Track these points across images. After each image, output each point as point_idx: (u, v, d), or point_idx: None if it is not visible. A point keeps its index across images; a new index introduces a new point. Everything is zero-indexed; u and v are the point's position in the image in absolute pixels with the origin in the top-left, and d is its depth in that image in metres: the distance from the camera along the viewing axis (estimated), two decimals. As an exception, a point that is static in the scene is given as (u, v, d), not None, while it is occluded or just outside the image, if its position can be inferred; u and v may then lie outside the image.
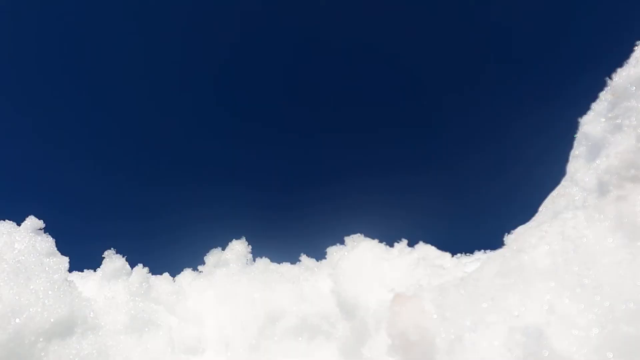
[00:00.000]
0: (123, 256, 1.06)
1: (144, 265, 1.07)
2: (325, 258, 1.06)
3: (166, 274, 1.12)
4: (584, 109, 0.79)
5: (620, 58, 0.74)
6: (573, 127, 0.81)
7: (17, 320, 0.65)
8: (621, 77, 0.71)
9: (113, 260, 1.02)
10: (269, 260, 1.11)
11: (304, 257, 1.12)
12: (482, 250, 0.89)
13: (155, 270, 1.19)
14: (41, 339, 0.66)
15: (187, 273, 1.17)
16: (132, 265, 1.10)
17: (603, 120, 0.73)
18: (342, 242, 1.00)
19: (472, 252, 0.92)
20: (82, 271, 1.09)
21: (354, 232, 0.98)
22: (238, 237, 1.23)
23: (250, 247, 1.19)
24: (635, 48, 0.73)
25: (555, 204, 0.78)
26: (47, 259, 0.88)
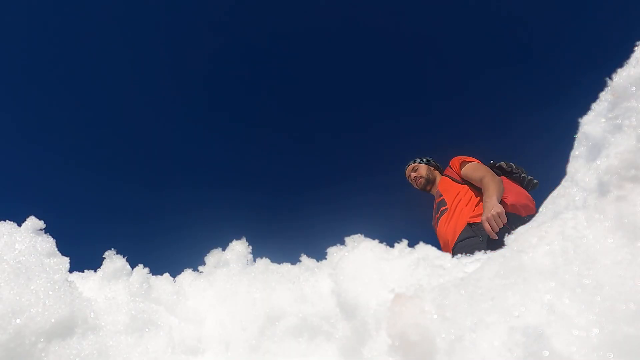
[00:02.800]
0: (123, 256, 1.06)
1: (145, 266, 1.07)
2: (325, 258, 1.06)
3: (166, 274, 1.12)
4: (584, 109, 0.80)
5: (621, 58, 0.74)
6: (573, 128, 0.82)
7: (18, 320, 0.65)
8: (621, 78, 0.71)
9: (113, 261, 1.02)
10: (269, 261, 1.11)
11: (304, 258, 1.12)
12: (483, 251, 0.90)
13: (156, 270, 1.19)
14: (42, 340, 0.66)
15: (187, 273, 1.17)
16: (133, 265, 1.10)
17: (603, 120, 0.73)
18: (343, 243, 1.00)
19: (472, 252, 0.92)
20: (82, 271, 1.09)
21: (354, 232, 0.98)
22: (238, 238, 1.23)
23: (250, 247, 1.19)
24: (636, 48, 0.73)
25: (555, 204, 0.78)
26: (48, 260, 0.88)
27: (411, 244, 0.88)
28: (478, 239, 2.79)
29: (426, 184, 3.76)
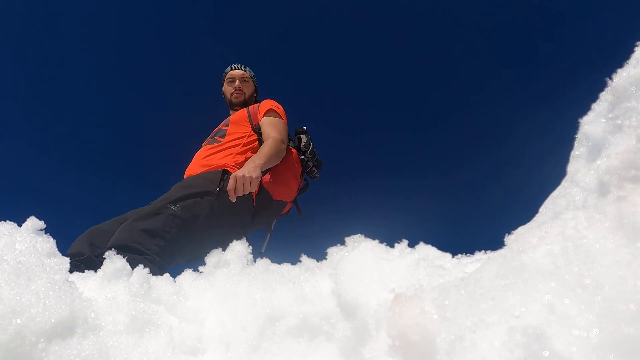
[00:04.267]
0: (124, 257, 1.07)
1: (145, 266, 1.07)
2: (325, 258, 1.06)
3: (167, 275, 1.12)
4: (585, 109, 0.80)
5: (621, 58, 0.74)
6: (573, 128, 0.82)
7: (18, 320, 0.65)
8: (621, 78, 0.71)
9: (114, 261, 1.02)
10: (269, 261, 1.11)
11: (304, 258, 1.12)
12: (483, 251, 0.89)
13: (156, 270, 1.19)
14: (42, 340, 0.66)
15: (187, 273, 1.17)
16: (133, 265, 1.10)
17: (603, 120, 0.73)
18: (343, 243, 1.00)
19: (472, 252, 0.92)
20: (82, 272, 1.09)
21: (355, 233, 0.98)
22: (238, 238, 1.24)
23: (250, 247, 1.19)
24: (636, 48, 0.73)
25: (555, 205, 0.78)
26: (48, 260, 0.88)
27: (411, 244, 0.88)
28: (213, 187, 2.36)
29: (241, 104, 3.04)
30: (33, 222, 1.02)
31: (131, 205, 2.59)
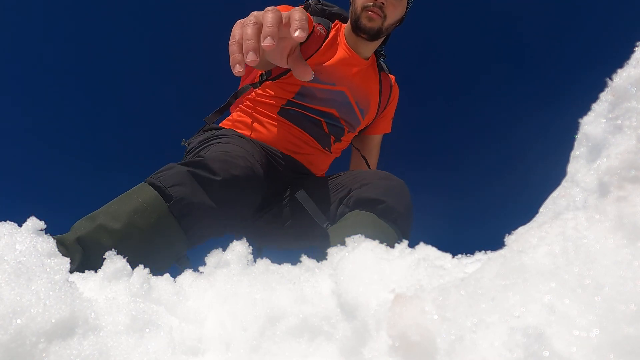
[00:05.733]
0: (124, 257, 1.06)
1: (145, 266, 1.07)
2: (325, 259, 1.06)
3: (167, 275, 1.12)
4: (585, 109, 0.79)
5: (621, 59, 0.74)
6: (573, 128, 0.82)
7: (19, 321, 0.65)
8: (621, 78, 0.71)
9: (114, 261, 1.02)
10: (269, 261, 1.11)
11: (304, 258, 1.12)
12: (483, 251, 0.89)
13: (156, 270, 1.19)
14: (42, 340, 0.66)
15: (187, 274, 1.16)
16: (133, 266, 1.10)
17: (603, 121, 0.73)
18: (343, 243, 1.00)
19: (472, 252, 0.92)
20: (83, 272, 1.09)
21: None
22: (239, 238, 1.24)
23: (251, 248, 1.18)
24: (636, 49, 0.73)
25: (555, 205, 0.78)
26: (49, 260, 0.88)
27: (411, 244, 0.88)
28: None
29: (371, 34, 1.93)
30: (33, 222, 1.02)
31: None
